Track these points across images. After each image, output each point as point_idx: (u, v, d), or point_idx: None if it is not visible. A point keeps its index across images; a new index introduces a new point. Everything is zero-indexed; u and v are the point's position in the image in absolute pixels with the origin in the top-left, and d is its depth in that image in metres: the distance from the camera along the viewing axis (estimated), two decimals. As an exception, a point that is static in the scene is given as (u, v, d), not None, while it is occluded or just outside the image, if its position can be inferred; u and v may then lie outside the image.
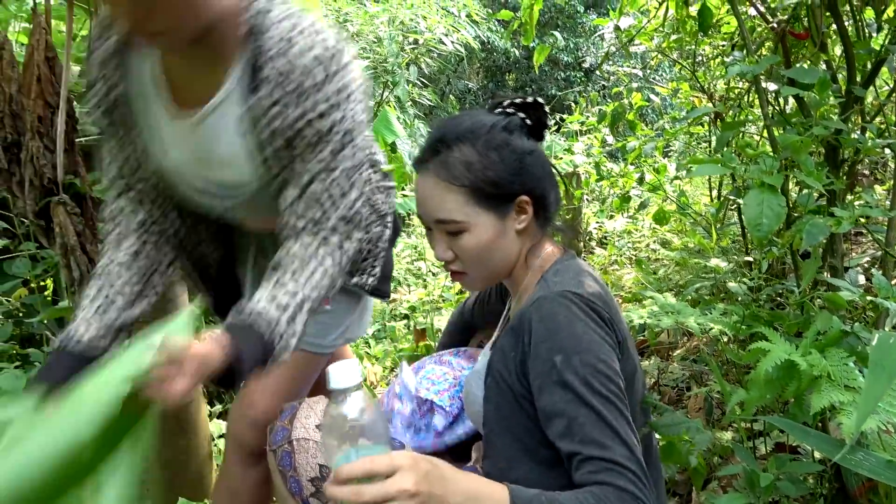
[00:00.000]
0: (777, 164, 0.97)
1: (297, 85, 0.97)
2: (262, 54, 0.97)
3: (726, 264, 2.08)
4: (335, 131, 1.00)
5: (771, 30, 1.35)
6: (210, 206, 1.18)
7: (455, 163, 1.00)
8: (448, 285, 3.35)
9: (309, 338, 1.24)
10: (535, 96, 1.08)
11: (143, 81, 1.08)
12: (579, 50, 11.72)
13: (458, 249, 1.03)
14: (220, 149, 1.05)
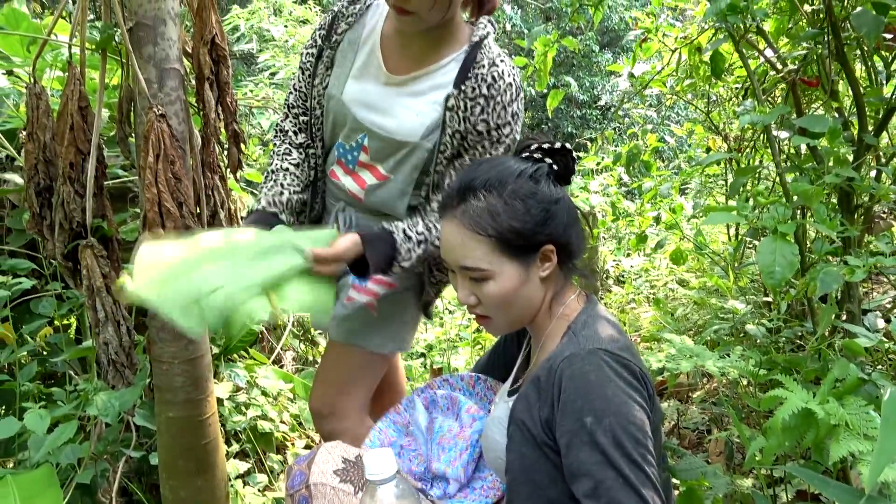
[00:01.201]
0: (789, 212, 0.98)
1: (495, 93, 1.27)
2: (476, 61, 1.28)
3: (744, 306, 2.06)
4: (505, 139, 1.31)
5: (782, 79, 1.37)
6: (346, 139, 1.41)
7: (482, 212, 1.02)
8: (464, 324, 3.35)
9: (355, 336, 1.48)
10: (562, 142, 1.09)
11: (367, 33, 1.38)
12: (595, 88, 11.85)
13: (482, 296, 1.05)
14: (413, 105, 1.32)
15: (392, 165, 1.38)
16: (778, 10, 1.47)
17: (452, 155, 1.34)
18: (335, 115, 1.40)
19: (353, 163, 1.42)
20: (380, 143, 1.36)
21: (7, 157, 2.23)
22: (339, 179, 1.46)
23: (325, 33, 1.43)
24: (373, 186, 1.41)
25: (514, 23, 12.21)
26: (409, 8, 1.19)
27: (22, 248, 2.20)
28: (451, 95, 1.29)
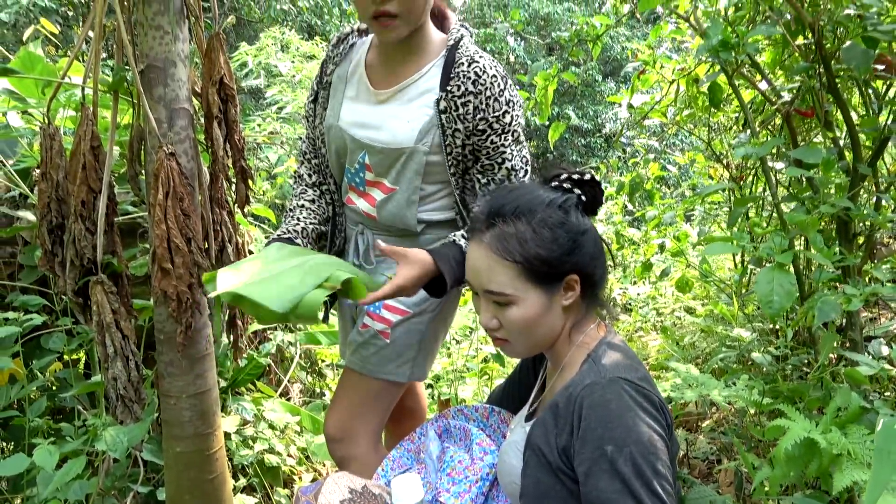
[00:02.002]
0: (786, 242, 0.99)
1: (482, 87, 1.31)
2: (456, 61, 1.34)
3: (749, 334, 2.06)
4: (510, 127, 1.36)
5: (776, 111, 1.39)
6: (350, 163, 1.49)
7: (510, 238, 1.04)
8: (472, 354, 3.35)
9: (369, 364, 1.51)
10: (591, 173, 1.10)
11: (353, 67, 1.50)
12: (598, 117, 11.96)
13: (504, 320, 1.07)
14: (403, 114, 1.38)
15: (395, 176, 1.43)
16: (773, 43, 1.50)
17: (466, 157, 1.39)
18: (336, 143, 1.48)
19: (361, 184, 1.49)
20: (378, 156, 1.42)
21: (20, 194, 2.27)
22: (354, 204, 1.53)
23: (318, 80, 1.55)
24: (382, 201, 1.46)
25: (518, 54, 12.39)
26: (391, 9, 1.25)
27: (33, 283, 2.24)
28: (440, 98, 1.35)
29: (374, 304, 1.48)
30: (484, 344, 3.32)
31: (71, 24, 6.06)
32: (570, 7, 13.29)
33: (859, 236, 1.37)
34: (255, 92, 7.04)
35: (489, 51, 12.41)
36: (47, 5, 5.19)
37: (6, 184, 2.29)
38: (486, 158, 1.38)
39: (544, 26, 13.00)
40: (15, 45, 5.64)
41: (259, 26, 8.37)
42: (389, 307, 1.50)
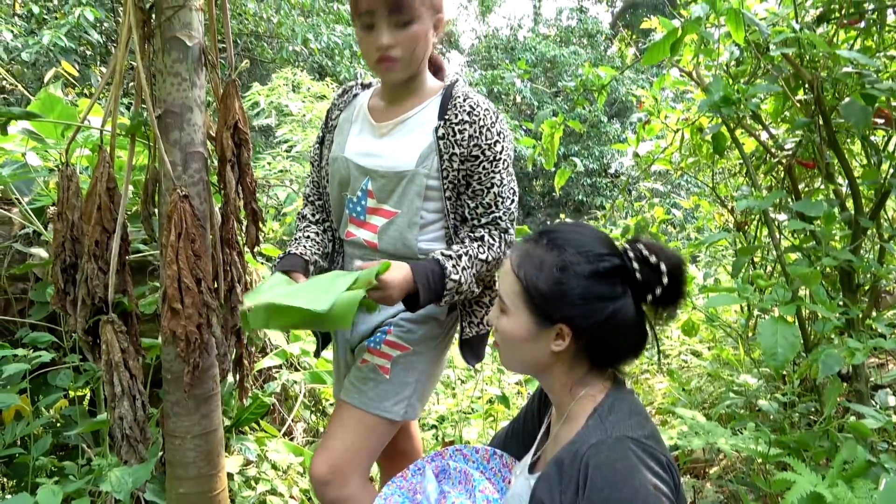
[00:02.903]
0: (789, 294, 1.01)
1: (476, 118, 1.44)
2: (453, 96, 1.49)
3: (756, 380, 2.05)
4: (500, 156, 1.46)
5: (778, 163, 1.42)
6: (352, 192, 1.56)
7: (532, 258, 1.05)
8: (478, 395, 3.33)
9: (366, 399, 1.52)
10: (672, 264, 1.04)
11: (358, 110, 1.62)
12: (604, 157, 12.08)
13: (498, 324, 1.11)
14: (404, 141, 1.49)
15: (396, 199, 1.50)
16: (774, 96, 1.53)
17: (459, 182, 1.48)
18: (340, 173, 1.57)
19: (362, 213, 1.55)
20: (381, 180, 1.50)
21: (34, 232, 2.31)
22: (354, 235, 1.58)
23: (324, 124, 1.69)
24: (384, 227, 1.52)
25: (524, 95, 12.58)
26: (393, 55, 1.40)
27: (43, 320, 2.26)
28: (438, 126, 1.46)
29: (375, 340, 1.54)
30: (489, 385, 3.31)
31: (88, 63, 6.22)
32: (575, 50, 13.55)
33: (863, 286, 1.37)
34: (266, 130, 7.16)
35: (496, 92, 12.62)
36: (66, 45, 5.34)
37: (21, 221, 2.33)
38: (477, 183, 1.48)
39: (550, 69, 13.24)
40: (33, 83, 5.79)
41: (271, 66, 8.56)
42: (391, 343, 1.53)
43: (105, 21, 6.33)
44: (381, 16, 1.37)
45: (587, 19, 15.53)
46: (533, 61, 13.26)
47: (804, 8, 1.43)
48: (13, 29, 5.35)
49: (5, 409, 2.01)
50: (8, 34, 5.18)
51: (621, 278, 1.04)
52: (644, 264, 1.04)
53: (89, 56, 6.51)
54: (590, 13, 17.36)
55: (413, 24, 1.38)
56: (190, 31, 1.63)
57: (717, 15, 1.21)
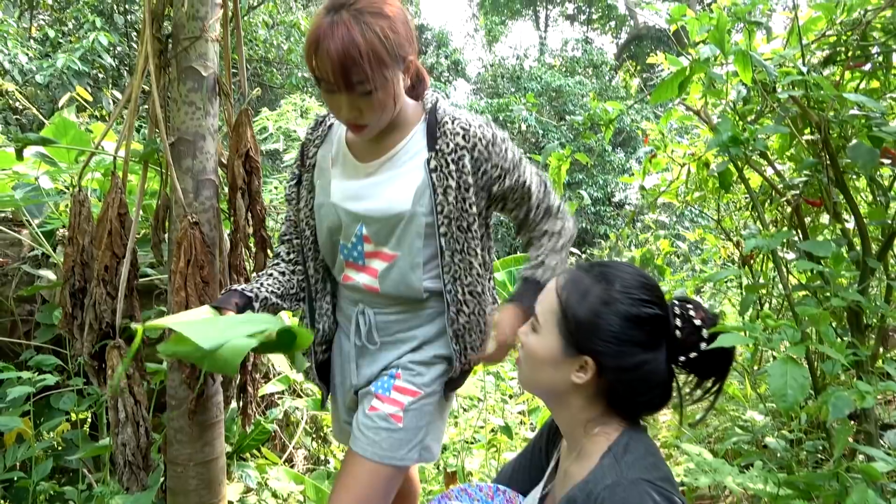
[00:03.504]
0: (798, 335, 1.01)
1: (473, 139, 1.36)
2: (438, 122, 1.38)
3: (763, 417, 2.04)
4: (515, 158, 1.41)
5: (785, 202, 1.43)
6: (346, 238, 1.46)
7: (578, 285, 1.04)
8: (480, 425, 3.30)
9: (380, 450, 1.43)
10: (713, 320, 1.04)
11: (336, 147, 1.49)
12: (608, 186, 12.13)
13: (525, 339, 1.10)
14: (395, 180, 1.39)
15: (395, 242, 1.41)
16: (780, 136, 1.55)
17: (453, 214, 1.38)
18: (329, 221, 1.45)
19: (360, 258, 1.45)
20: (376, 225, 1.40)
21: (43, 254, 2.33)
22: (353, 280, 1.48)
23: (300, 162, 1.55)
24: (385, 270, 1.43)
25: (530, 123, 12.68)
26: (362, 122, 1.30)
27: (48, 342, 2.26)
28: (429, 158, 1.36)
29: (383, 386, 1.46)
30: (492, 414, 3.28)
31: (101, 86, 6.30)
32: (580, 80, 13.70)
33: (871, 326, 1.37)
34: (274, 154, 7.22)
35: (501, 120, 12.73)
36: (80, 69, 5.42)
37: (30, 243, 2.35)
38: (511, 193, 1.43)
39: (556, 98, 13.37)
40: (45, 104, 5.86)
41: (280, 92, 8.67)
42: (401, 389, 1.45)
43: (118, 45, 6.43)
44: (338, 87, 1.24)
45: (592, 50, 15.73)
46: (539, 90, 13.40)
47: (810, 50, 1.45)
48: (28, 52, 5.45)
49: (7, 433, 2.00)
50: (23, 57, 5.27)
51: (661, 331, 1.02)
52: (687, 323, 1.03)
53: (101, 79, 6.61)
54: (595, 44, 17.60)
55: (374, 94, 1.25)
56: (205, 62, 1.66)
57: (726, 56, 1.23)
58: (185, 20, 1.62)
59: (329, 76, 1.22)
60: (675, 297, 1.09)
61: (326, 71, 1.21)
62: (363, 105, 1.27)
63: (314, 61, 1.22)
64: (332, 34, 1.19)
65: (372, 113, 1.28)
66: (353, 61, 1.19)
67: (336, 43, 1.19)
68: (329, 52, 1.19)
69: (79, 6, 6.58)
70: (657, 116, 10.22)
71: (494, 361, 1.50)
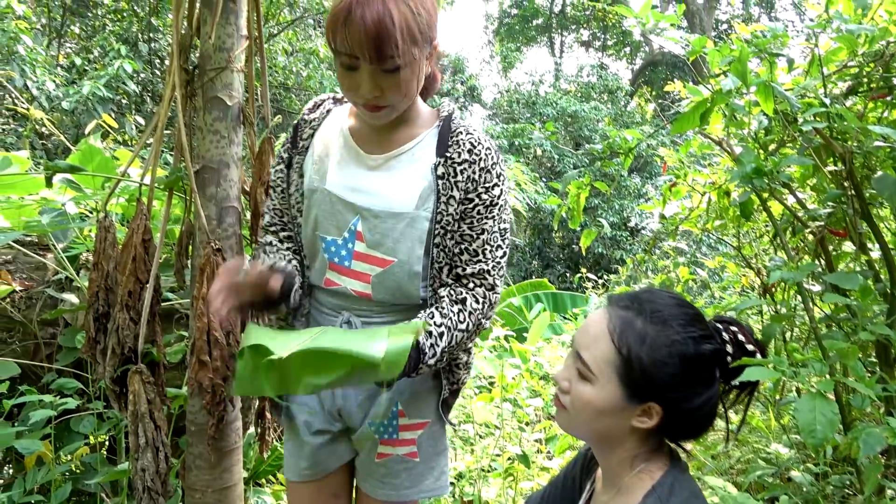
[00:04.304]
0: (826, 369, 0.99)
1: (476, 157, 1.30)
2: (452, 131, 1.32)
3: (787, 450, 2.00)
4: (497, 200, 1.32)
5: (810, 233, 1.42)
6: (336, 232, 1.33)
7: (633, 328, 0.98)
8: (497, 453, 3.27)
9: (406, 489, 1.38)
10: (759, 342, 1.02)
11: (336, 131, 1.39)
12: (624, 210, 12.09)
13: (574, 390, 1.02)
14: (400, 178, 1.31)
15: (391, 246, 1.30)
16: (803, 167, 1.54)
17: (452, 227, 1.31)
18: (319, 208, 1.33)
19: (348, 257, 1.32)
20: (375, 221, 1.29)
21: (66, 278, 2.36)
22: (337, 285, 1.34)
23: (291, 144, 1.42)
24: (379, 277, 1.31)
25: (545, 148, 12.73)
26: (382, 104, 1.22)
27: (69, 365, 2.28)
28: (438, 164, 1.29)
29: (388, 431, 1.38)
30: (508, 442, 3.25)
31: (124, 111, 6.44)
32: (596, 106, 13.76)
33: (899, 360, 1.35)
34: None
35: (517, 145, 12.80)
36: (104, 95, 5.54)
37: (55, 267, 2.39)
38: (468, 227, 1.31)
39: (571, 123, 13.43)
40: (70, 129, 5.99)
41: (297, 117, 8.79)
42: (407, 427, 1.39)
43: (142, 72, 6.58)
44: (365, 62, 1.16)
45: (607, 76, 15.82)
46: (554, 116, 13.47)
47: (832, 81, 1.45)
48: (55, 79, 5.58)
49: (28, 456, 2.01)
50: (51, 84, 5.40)
51: (718, 363, 1.00)
52: (737, 348, 1.01)
53: (124, 105, 6.75)
54: (610, 70, 17.71)
55: (401, 70, 1.18)
56: (230, 92, 1.69)
57: (748, 88, 1.23)
58: (212, 51, 1.66)
59: (359, 47, 1.14)
60: (716, 319, 1.05)
61: (357, 41, 1.13)
62: (387, 83, 1.19)
63: (342, 32, 1.14)
64: (368, 3, 1.12)
65: (394, 92, 1.21)
66: (388, 32, 1.12)
67: (372, 11, 1.12)
68: (364, 19, 1.11)
69: (105, 35, 6.76)
70: (674, 142, 10.22)
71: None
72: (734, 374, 1.03)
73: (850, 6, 1.35)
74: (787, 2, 18.50)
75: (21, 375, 2.19)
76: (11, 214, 2.34)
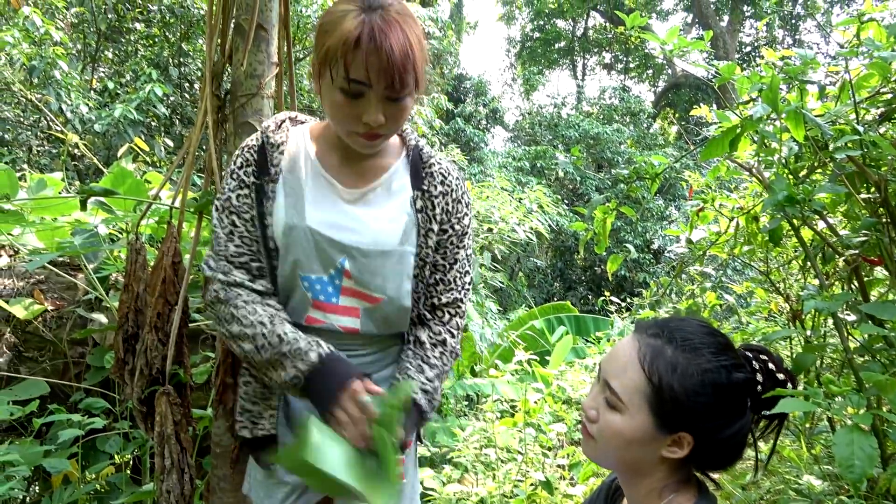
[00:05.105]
0: (864, 401, 0.97)
1: (448, 188, 1.32)
2: (423, 161, 1.33)
3: (820, 482, 1.94)
4: (467, 229, 1.35)
5: (844, 262, 1.40)
6: (322, 270, 1.26)
7: (664, 357, 0.96)
8: (519, 479, 3.23)
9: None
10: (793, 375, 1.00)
11: (302, 160, 1.29)
12: (647, 233, 12.00)
13: (602, 419, 1.00)
14: (381, 214, 1.28)
15: (380, 284, 1.27)
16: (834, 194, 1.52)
17: (428, 257, 1.31)
18: (299, 247, 1.24)
19: (334, 294, 1.27)
20: (362, 260, 1.25)
21: (96, 298, 2.40)
22: (321, 322, 1.27)
23: (258, 168, 1.28)
24: (368, 311, 1.28)
25: (567, 171, 12.73)
26: (382, 132, 1.20)
27: (96, 384, 2.32)
28: (416, 197, 1.30)
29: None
30: (531, 468, 3.21)
31: (153, 134, 6.58)
32: (619, 128, 13.74)
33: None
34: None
35: (539, 167, 12.82)
36: (135, 118, 5.67)
37: (85, 287, 2.43)
38: (441, 258, 1.33)
39: (594, 145, 13.42)
40: (101, 151, 6.14)
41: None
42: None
43: (171, 96, 6.73)
44: (375, 90, 1.14)
45: (630, 98, 15.82)
46: (576, 138, 13.48)
47: (863, 108, 1.43)
48: (89, 102, 5.73)
49: (55, 475, 2.03)
50: (84, 107, 5.55)
51: (750, 392, 0.98)
52: (768, 378, 1.00)
53: (154, 127, 6.90)
54: (632, 92, 17.71)
55: (406, 99, 1.18)
56: (260, 117, 1.72)
57: (779, 115, 1.22)
58: (243, 78, 1.70)
59: (378, 75, 1.11)
60: (745, 347, 1.03)
61: (377, 69, 1.10)
62: (391, 111, 1.17)
63: (359, 58, 1.09)
64: (388, 32, 1.09)
65: (395, 121, 1.19)
66: (412, 61, 1.12)
67: (396, 40, 1.09)
68: (390, 47, 1.09)
69: (137, 59, 6.94)
70: (698, 165, 10.13)
71: None
72: (765, 404, 1.01)
73: (882, 32, 1.34)
74: (812, 24, 18.41)
75: (50, 394, 2.23)
76: (45, 236, 2.40)
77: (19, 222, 2.20)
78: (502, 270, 7.02)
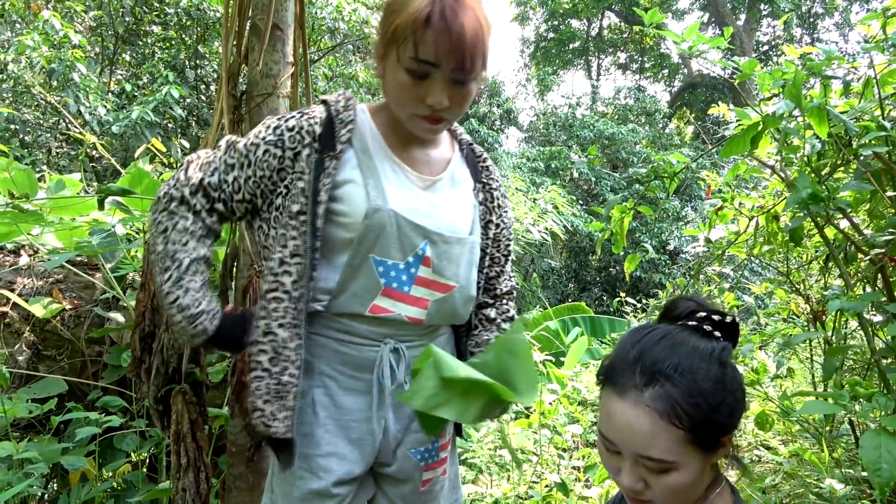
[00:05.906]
0: (892, 403, 0.94)
1: (499, 185, 1.37)
2: (476, 155, 1.37)
3: (842, 485, 1.91)
4: (511, 222, 1.41)
5: (870, 261, 1.37)
6: (400, 256, 1.19)
7: (679, 402, 0.91)
8: (535, 480, 3.21)
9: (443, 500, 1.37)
10: (733, 316, 0.99)
11: (371, 142, 1.22)
12: (663, 233, 11.91)
13: (658, 484, 0.94)
14: (455, 202, 1.28)
15: (455, 270, 1.24)
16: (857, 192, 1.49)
17: (487, 248, 1.35)
18: (382, 230, 1.15)
19: (408, 283, 1.20)
20: (444, 246, 1.21)
21: (113, 297, 2.42)
22: (389, 312, 1.19)
23: (321, 141, 1.17)
24: (437, 301, 1.23)
25: (582, 171, 12.66)
26: (445, 116, 1.16)
27: (113, 383, 2.33)
28: (477, 189, 1.32)
29: (430, 455, 1.32)
30: (546, 469, 3.19)
31: (170, 135, 6.63)
32: (634, 128, 13.66)
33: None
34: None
35: (554, 168, 12.76)
36: (152, 120, 5.72)
37: (102, 286, 2.45)
38: (496, 250, 1.38)
39: (609, 146, 13.35)
40: (118, 152, 6.20)
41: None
42: (444, 445, 1.35)
43: (188, 97, 6.79)
44: (443, 70, 1.09)
45: (645, 98, 15.72)
46: (591, 138, 13.41)
47: (889, 105, 1.40)
48: (107, 104, 5.79)
49: (73, 472, 2.05)
50: (102, 109, 5.61)
51: (729, 357, 0.96)
52: (721, 328, 0.98)
53: (170, 129, 6.96)
54: (647, 92, 17.60)
55: (471, 83, 1.14)
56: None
57: (803, 112, 1.20)
58: (259, 78, 1.70)
59: (447, 54, 1.07)
60: (689, 313, 0.99)
61: (446, 48, 1.06)
62: (455, 95, 1.13)
63: (429, 37, 1.06)
64: (459, 12, 1.06)
65: (459, 106, 1.16)
66: (482, 42, 1.09)
67: (467, 20, 1.06)
68: (462, 27, 1.05)
69: (154, 62, 7.00)
70: (714, 165, 10.02)
71: None
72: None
73: (908, 27, 1.31)
74: (830, 23, 18.19)
75: (68, 392, 2.24)
76: (64, 235, 2.42)
77: (38, 222, 2.22)
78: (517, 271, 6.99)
